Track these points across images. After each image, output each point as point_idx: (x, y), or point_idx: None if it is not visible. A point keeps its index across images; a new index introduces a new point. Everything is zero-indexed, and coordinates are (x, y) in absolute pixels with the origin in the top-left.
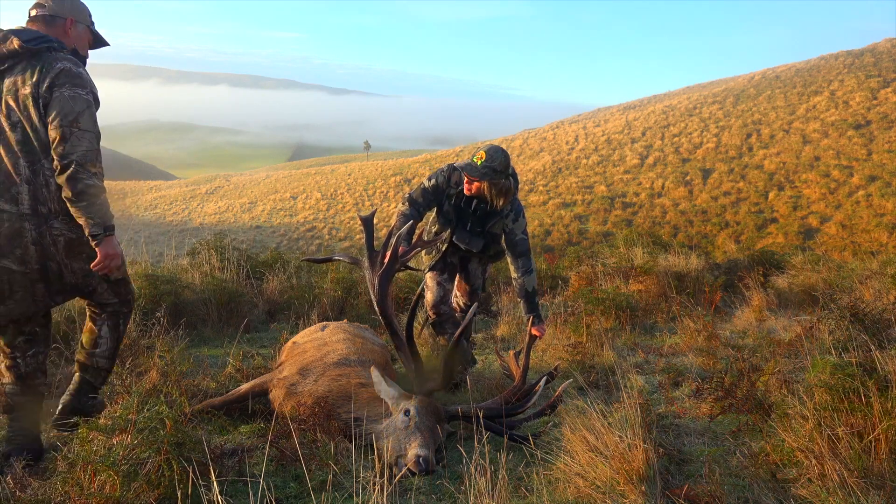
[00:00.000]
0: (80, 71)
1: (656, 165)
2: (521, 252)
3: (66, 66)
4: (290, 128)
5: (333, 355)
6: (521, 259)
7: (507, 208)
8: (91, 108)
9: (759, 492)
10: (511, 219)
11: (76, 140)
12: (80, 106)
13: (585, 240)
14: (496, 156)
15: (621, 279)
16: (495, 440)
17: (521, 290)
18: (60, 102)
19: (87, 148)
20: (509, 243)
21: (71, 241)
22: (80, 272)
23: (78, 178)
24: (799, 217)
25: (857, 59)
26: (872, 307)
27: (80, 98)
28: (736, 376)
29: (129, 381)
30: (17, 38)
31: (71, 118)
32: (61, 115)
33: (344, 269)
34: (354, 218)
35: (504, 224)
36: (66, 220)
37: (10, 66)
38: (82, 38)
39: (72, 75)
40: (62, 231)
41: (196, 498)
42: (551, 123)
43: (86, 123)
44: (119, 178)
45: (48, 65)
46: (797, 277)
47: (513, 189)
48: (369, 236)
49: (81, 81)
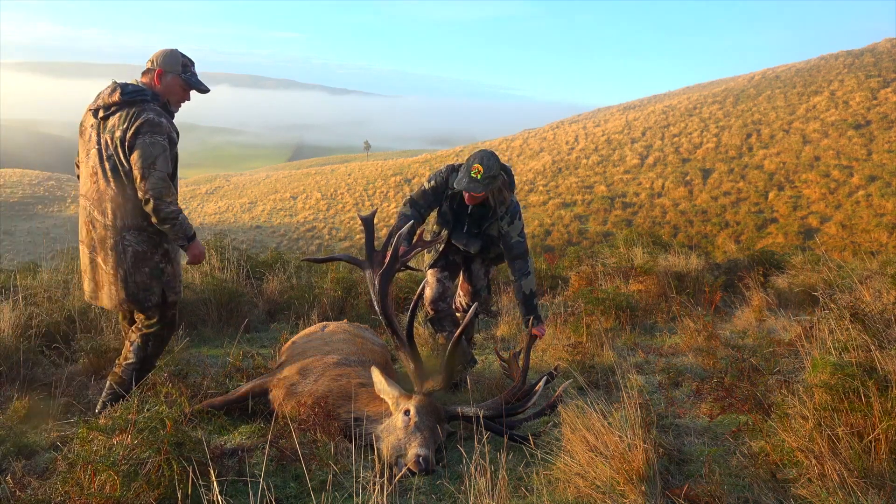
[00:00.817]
0: (160, 121)
1: (656, 165)
2: (518, 255)
3: (150, 116)
4: (290, 128)
5: (333, 355)
6: (517, 262)
7: (502, 210)
8: (166, 153)
9: (759, 492)
10: (507, 221)
11: (154, 179)
12: (157, 151)
13: (585, 240)
14: (491, 163)
15: (621, 279)
16: (495, 440)
17: (518, 292)
18: (142, 147)
19: (162, 185)
20: (505, 246)
21: (137, 253)
22: (140, 284)
23: (159, 208)
24: (799, 217)
25: (857, 59)
26: (872, 307)
27: (157, 144)
28: (736, 376)
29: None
30: (119, 91)
31: (150, 161)
32: (142, 158)
33: (344, 269)
34: (354, 218)
35: (500, 227)
36: (136, 235)
37: (114, 111)
38: (171, 86)
39: (153, 125)
40: (132, 243)
41: (196, 498)
42: (551, 123)
43: (161, 165)
44: None
45: (136, 114)
46: (797, 277)
47: (507, 184)
48: (370, 236)
49: (160, 129)
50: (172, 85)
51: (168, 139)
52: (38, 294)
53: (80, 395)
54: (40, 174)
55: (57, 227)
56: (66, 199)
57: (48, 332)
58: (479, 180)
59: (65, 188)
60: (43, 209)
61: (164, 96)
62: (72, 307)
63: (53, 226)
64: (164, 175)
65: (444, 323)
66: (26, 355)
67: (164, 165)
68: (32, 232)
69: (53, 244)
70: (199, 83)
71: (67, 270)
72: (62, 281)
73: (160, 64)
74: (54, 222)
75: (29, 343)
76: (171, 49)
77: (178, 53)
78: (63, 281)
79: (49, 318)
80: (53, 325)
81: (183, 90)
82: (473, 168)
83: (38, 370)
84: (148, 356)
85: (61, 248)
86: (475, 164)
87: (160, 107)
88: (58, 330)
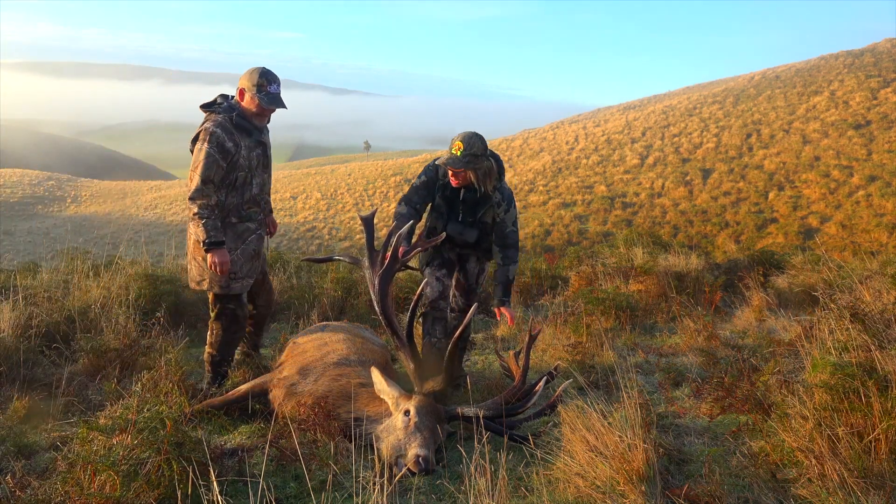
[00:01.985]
0: (213, 130)
1: (656, 165)
2: (510, 244)
3: (206, 125)
4: (290, 128)
5: (333, 355)
6: (509, 251)
7: (498, 196)
8: (209, 160)
9: (759, 492)
10: (503, 209)
11: (193, 182)
12: (202, 157)
13: (585, 240)
14: (473, 142)
15: (621, 279)
16: (495, 440)
17: (503, 276)
18: (194, 153)
19: (199, 190)
20: (499, 234)
21: (195, 242)
22: (195, 270)
23: (192, 208)
24: (799, 217)
25: (857, 59)
26: (872, 307)
27: (203, 151)
28: (736, 376)
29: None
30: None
31: (194, 165)
32: (192, 161)
33: (344, 269)
34: (354, 218)
35: (495, 213)
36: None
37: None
38: (248, 103)
39: (207, 132)
40: (191, 233)
41: (196, 498)
42: (551, 123)
43: (202, 170)
44: (119, 178)
45: (202, 124)
46: (797, 277)
47: (496, 170)
48: (370, 236)
49: (210, 138)
50: (249, 103)
51: (218, 148)
52: (38, 294)
53: (80, 395)
54: (40, 174)
55: (57, 227)
56: (65, 199)
57: (48, 332)
58: (459, 157)
59: (65, 188)
60: (43, 209)
61: (247, 112)
62: (72, 307)
63: (53, 226)
64: (204, 179)
65: (436, 326)
66: (26, 355)
67: (205, 171)
68: (32, 232)
69: (53, 244)
70: (270, 102)
71: (67, 270)
72: (62, 281)
73: (241, 82)
74: (54, 222)
75: (29, 343)
76: (254, 68)
77: (256, 73)
78: (63, 281)
79: (49, 318)
80: (53, 325)
81: (258, 107)
82: (455, 145)
83: (38, 370)
84: (212, 343)
85: (61, 248)
86: (457, 141)
87: (237, 118)
88: (58, 330)
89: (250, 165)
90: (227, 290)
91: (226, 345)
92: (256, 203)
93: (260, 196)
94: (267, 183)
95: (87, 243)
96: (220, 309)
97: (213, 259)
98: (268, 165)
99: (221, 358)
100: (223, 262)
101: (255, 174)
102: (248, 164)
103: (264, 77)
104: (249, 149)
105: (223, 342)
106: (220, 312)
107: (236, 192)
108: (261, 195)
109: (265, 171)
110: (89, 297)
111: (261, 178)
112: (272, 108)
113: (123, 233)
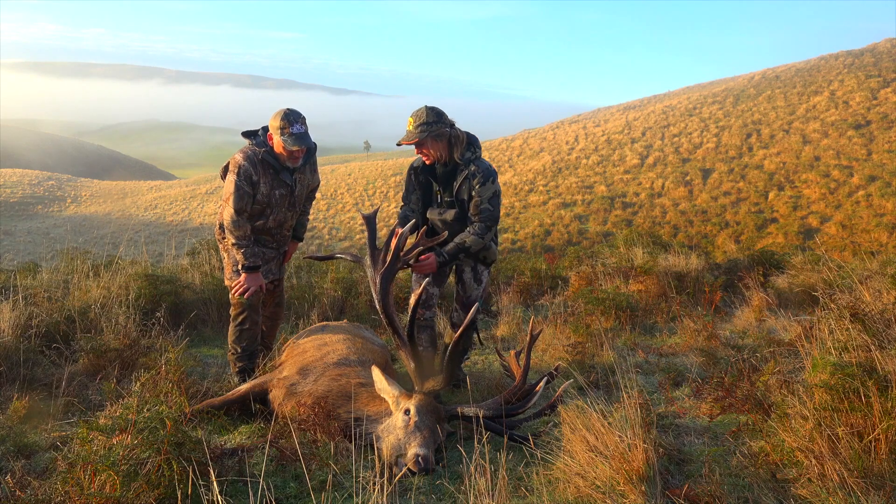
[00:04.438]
0: (242, 163)
1: (656, 165)
2: (482, 218)
3: (237, 156)
4: None
5: (333, 355)
6: (478, 225)
7: (473, 169)
8: (239, 192)
9: (759, 492)
10: (479, 181)
11: (226, 213)
12: (232, 189)
13: (585, 240)
14: (422, 112)
15: (621, 279)
16: (495, 440)
17: (460, 239)
18: (225, 183)
19: (230, 219)
20: (473, 209)
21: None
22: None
23: (229, 238)
24: (799, 217)
25: (857, 59)
26: (872, 307)
27: (233, 182)
28: (736, 376)
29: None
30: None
31: (225, 196)
32: (223, 191)
33: (344, 269)
34: (354, 218)
35: (471, 186)
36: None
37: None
38: (279, 146)
39: (237, 164)
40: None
41: (196, 498)
42: (551, 123)
43: (236, 202)
44: (119, 178)
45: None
46: (797, 277)
47: (461, 136)
48: (372, 234)
49: (239, 170)
50: (277, 146)
51: (247, 180)
52: (38, 294)
53: (80, 395)
54: (40, 174)
55: (57, 227)
56: (65, 200)
57: (48, 332)
58: (412, 130)
59: (65, 188)
60: (43, 209)
61: (277, 153)
62: (72, 307)
63: (53, 226)
64: (238, 210)
65: (422, 335)
66: (26, 355)
67: (237, 202)
68: (32, 232)
69: (53, 244)
70: (294, 142)
71: (67, 270)
72: (62, 281)
73: (269, 124)
74: (54, 222)
75: (29, 343)
76: (279, 110)
77: (280, 115)
78: (63, 281)
79: (49, 318)
80: (53, 325)
81: (284, 149)
82: (407, 121)
83: (38, 370)
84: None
85: (61, 247)
86: (409, 118)
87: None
88: (58, 330)
89: (269, 202)
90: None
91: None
92: (271, 234)
93: (276, 230)
94: (289, 220)
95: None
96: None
97: (245, 282)
98: (294, 205)
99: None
100: (250, 288)
101: (273, 210)
102: (268, 200)
103: (286, 119)
104: (271, 186)
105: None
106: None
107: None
108: (277, 229)
109: (290, 210)
110: (89, 297)
111: (282, 215)
112: (298, 148)
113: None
